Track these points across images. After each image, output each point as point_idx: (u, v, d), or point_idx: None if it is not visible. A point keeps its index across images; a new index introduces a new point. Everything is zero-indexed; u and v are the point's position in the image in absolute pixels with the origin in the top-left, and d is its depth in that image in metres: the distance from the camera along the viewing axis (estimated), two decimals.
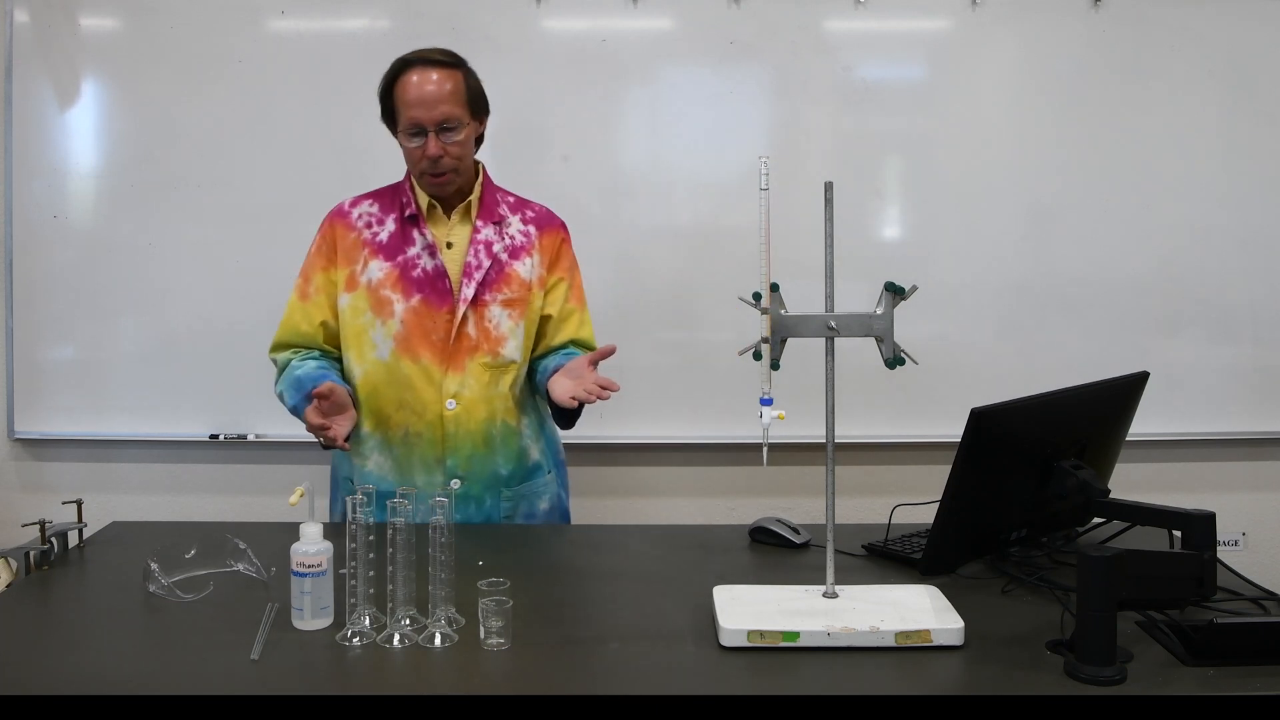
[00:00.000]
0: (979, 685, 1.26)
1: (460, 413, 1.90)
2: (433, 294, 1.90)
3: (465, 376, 1.90)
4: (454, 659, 1.32)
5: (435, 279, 1.90)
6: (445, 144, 1.85)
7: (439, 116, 1.83)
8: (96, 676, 1.27)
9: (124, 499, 2.68)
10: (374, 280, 1.90)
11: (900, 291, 1.43)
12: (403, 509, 1.37)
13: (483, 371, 1.91)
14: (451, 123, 1.85)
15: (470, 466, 1.92)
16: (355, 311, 1.92)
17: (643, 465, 2.79)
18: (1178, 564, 1.37)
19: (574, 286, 2.03)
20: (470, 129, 1.90)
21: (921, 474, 2.73)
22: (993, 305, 2.73)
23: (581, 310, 2.04)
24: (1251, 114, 2.70)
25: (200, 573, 1.59)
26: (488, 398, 1.91)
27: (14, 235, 2.66)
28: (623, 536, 1.94)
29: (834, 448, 1.47)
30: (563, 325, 2.01)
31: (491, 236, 1.94)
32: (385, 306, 1.90)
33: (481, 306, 1.91)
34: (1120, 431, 1.82)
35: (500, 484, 1.95)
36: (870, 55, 2.69)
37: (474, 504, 1.94)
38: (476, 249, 1.92)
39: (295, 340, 1.96)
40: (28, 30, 2.64)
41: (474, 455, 1.92)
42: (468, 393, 1.90)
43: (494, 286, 1.92)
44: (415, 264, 1.91)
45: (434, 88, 1.84)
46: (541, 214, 2.03)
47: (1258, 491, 2.83)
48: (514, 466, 1.97)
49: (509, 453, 1.96)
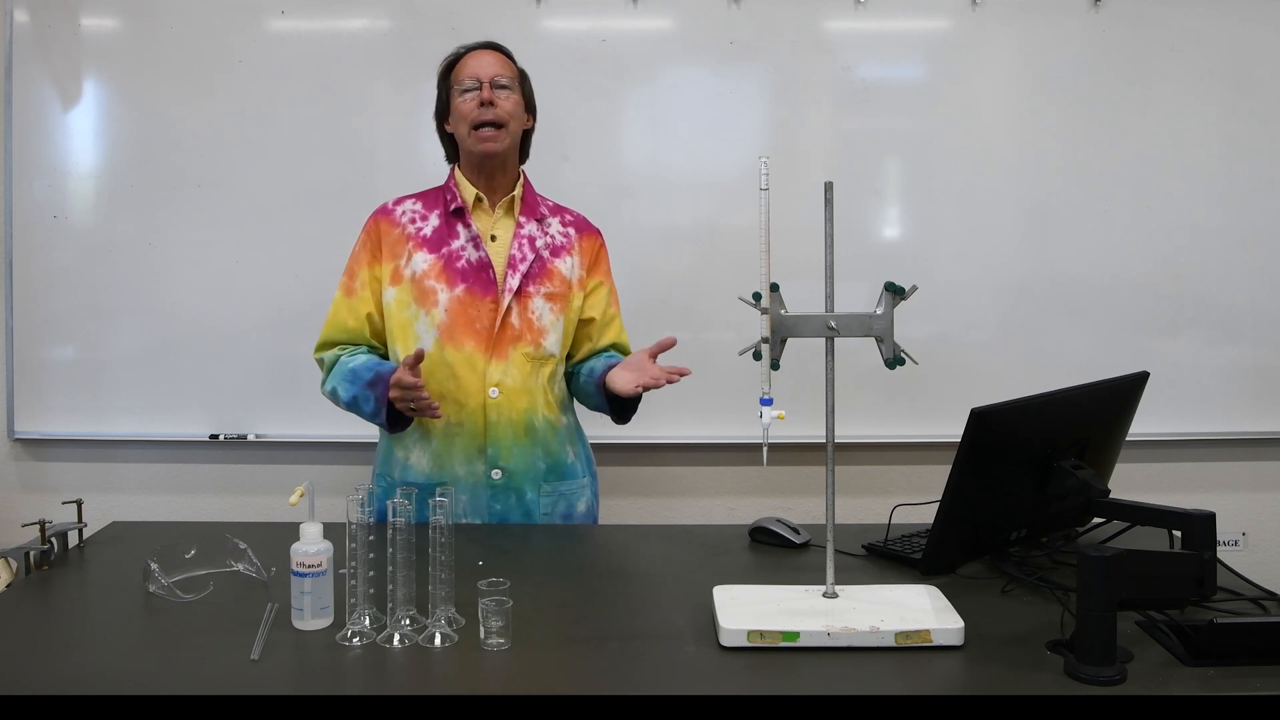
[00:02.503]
0: (979, 685, 1.26)
1: (502, 401, 1.93)
2: (477, 284, 1.93)
3: (508, 365, 1.93)
4: (454, 659, 1.32)
5: (480, 269, 1.94)
6: (497, 97, 1.93)
7: (494, 72, 1.96)
8: (96, 676, 1.27)
9: (124, 499, 2.69)
10: (418, 272, 1.94)
11: (900, 291, 1.43)
12: (403, 509, 1.38)
13: (524, 361, 1.94)
14: (504, 80, 1.96)
15: (511, 457, 1.95)
16: (400, 305, 1.95)
17: (643, 465, 2.79)
18: (1178, 564, 1.37)
19: (613, 292, 2.10)
20: (520, 103, 1.99)
21: (921, 474, 2.74)
22: (993, 305, 2.73)
23: (619, 316, 2.10)
24: (1251, 114, 2.70)
25: (200, 573, 1.59)
26: (529, 388, 1.95)
27: (14, 235, 2.67)
28: (623, 536, 1.94)
29: (834, 448, 1.47)
30: (606, 329, 2.07)
31: (534, 232, 1.99)
32: (429, 296, 1.93)
33: (525, 298, 1.95)
34: (1120, 431, 1.82)
35: (540, 478, 1.97)
36: (870, 55, 2.69)
37: (514, 496, 1.96)
38: (520, 242, 1.97)
39: (341, 337, 2.00)
40: (28, 30, 2.64)
41: (514, 445, 1.95)
42: (510, 381, 1.93)
43: (537, 279, 1.96)
44: (460, 255, 1.95)
45: (492, 57, 1.99)
46: (579, 219, 2.09)
47: (1258, 491, 2.83)
48: (553, 461, 1.99)
49: (548, 446, 1.98)
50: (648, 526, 2.04)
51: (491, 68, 1.96)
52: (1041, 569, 1.62)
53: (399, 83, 2.66)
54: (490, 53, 2.00)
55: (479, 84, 1.94)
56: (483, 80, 1.94)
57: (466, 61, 1.98)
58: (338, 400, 1.95)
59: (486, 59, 1.98)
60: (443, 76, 2.02)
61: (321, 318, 2.59)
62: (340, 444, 2.71)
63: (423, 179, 2.15)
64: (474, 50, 2.00)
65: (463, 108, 1.95)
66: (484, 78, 1.94)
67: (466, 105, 1.94)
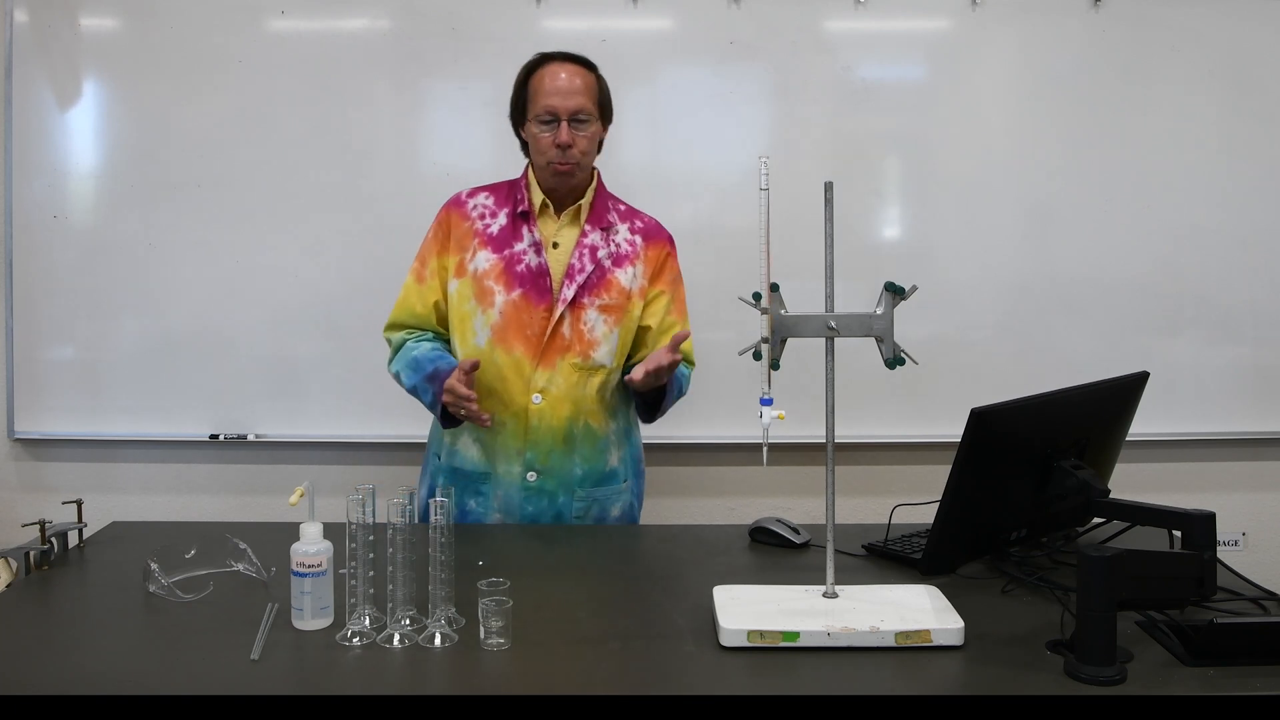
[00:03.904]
0: (979, 685, 1.26)
1: (545, 408, 1.94)
2: (533, 290, 1.94)
3: (554, 374, 1.93)
4: (454, 659, 1.32)
5: (537, 276, 1.94)
6: (575, 134, 1.91)
7: (574, 106, 1.91)
8: (96, 676, 1.27)
9: (124, 499, 2.69)
10: (480, 270, 1.95)
11: (900, 291, 1.43)
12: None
13: (572, 371, 1.94)
14: (584, 115, 1.92)
15: (548, 462, 1.96)
16: (461, 298, 1.97)
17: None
18: (1178, 564, 1.37)
19: (676, 299, 2.07)
20: (598, 129, 1.96)
21: (921, 474, 2.74)
22: (993, 305, 2.73)
23: (683, 323, 2.06)
24: (1251, 114, 2.70)
25: (200, 573, 1.59)
26: (574, 397, 1.95)
27: (14, 235, 2.66)
28: (623, 536, 1.94)
29: (834, 448, 1.47)
30: (662, 337, 2.02)
31: (597, 242, 1.98)
32: (487, 296, 1.94)
33: (579, 309, 1.94)
34: (1120, 431, 1.82)
35: (574, 484, 1.98)
36: (870, 55, 2.69)
37: (547, 499, 1.97)
38: (581, 252, 1.96)
39: (409, 321, 2.02)
40: (28, 30, 2.63)
41: (553, 451, 1.95)
42: (554, 389, 1.93)
43: (594, 290, 1.96)
44: (520, 259, 1.95)
45: (573, 79, 1.93)
46: (650, 225, 2.06)
47: (1258, 491, 2.83)
48: (590, 468, 1.99)
49: (587, 454, 1.98)
50: (648, 526, 2.04)
51: (571, 100, 1.90)
52: (1041, 569, 1.62)
53: (399, 83, 2.66)
54: (570, 69, 1.93)
55: (557, 119, 1.90)
56: (561, 117, 1.89)
57: (545, 82, 1.91)
58: (401, 383, 1.99)
59: (566, 81, 1.91)
60: (521, 82, 1.97)
61: (322, 318, 2.60)
62: (340, 444, 2.71)
63: (423, 179, 2.16)
64: (554, 63, 1.94)
65: (540, 140, 1.92)
66: (563, 114, 1.89)
67: (544, 139, 1.91)
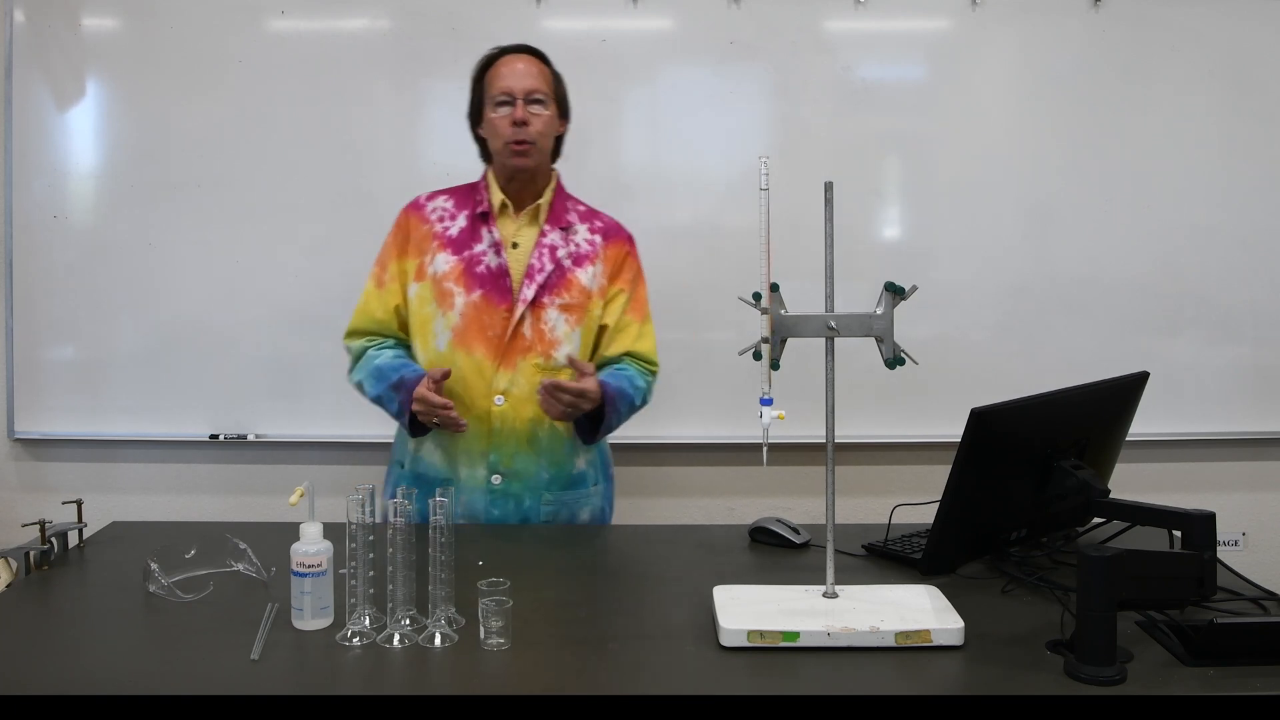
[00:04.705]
0: (979, 685, 1.26)
1: (507, 410, 1.93)
2: (494, 291, 1.93)
3: (516, 375, 1.93)
4: (454, 659, 1.32)
5: (498, 276, 1.94)
6: (531, 114, 1.91)
7: (529, 86, 1.93)
8: (96, 676, 1.27)
9: (124, 499, 2.69)
10: (439, 273, 1.94)
11: (900, 291, 1.43)
12: (403, 509, 1.37)
13: (534, 372, 1.93)
14: (540, 95, 1.93)
15: (513, 464, 1.95)
16: (422, 301, 1.96)
17: (643, 465, 2.79)
18: (1178, 564, 1.37)
19: (634, 298, 2.05)
20: (553, 116, 1.97)
21: (921, 474, 2.74)
22: (993, 305, 2.73)
23: (641, 323, 2.05)
24: (1251, 114, 2.70)
25: (200, 573, 1.59)
26: (536, 399, 1.93)
27: (14, 235, 2.67)
28: (623, 536, 1.94)
29: (834, 448, 1.47)
30: (617, 336, 2.02)
31: (557, 241, 1.98)
32: (447, 299, 1.93)
33: (540, 308, 1.94)
34: (1120, 431, 1.82)
35: (541, 486, 1.97)
36: (870, 55, 2.69)
37: (514, 502, 1.96)
38: (541, 251, 1.96)
39: (370, 327, 2.01)
40: (27, 30, 2.63)
41: (517, 454, 1.94)
42: (516, 390, 1.93)
43: (554, 290, 1.95)
44: (480, 260, 1.95)
45: (529, 66, 1.96)
46: (610, 225, 2.07)
47: (1258, 491, 2.83)
48: (557, 470, 1.98)
49: (552, 456, 1.97)
50: (648, 527, 2.04)
51: (526, 80, 1.92)
52: (1041, 569, 1.62)
53: (399, 83, 2.66)
54: (525, 59, 1.96)
55: (513, 100, 1.91)
56: (517, 97, 1.91)
57: (500, 70, 1.94)
58: (363, 393, 1.97)
59: (520, 68, 1.94)
60: (476, 79, 1.99)
61: (322, 318, 2.59)
62: (340, 444, 2.71)
63: (422, 179, 2.15)
64: (508, 55, 1.97)
65: (497, 123, 1.92)
66: (518, 94, 1.91)
67: (500, 121, 1.92)
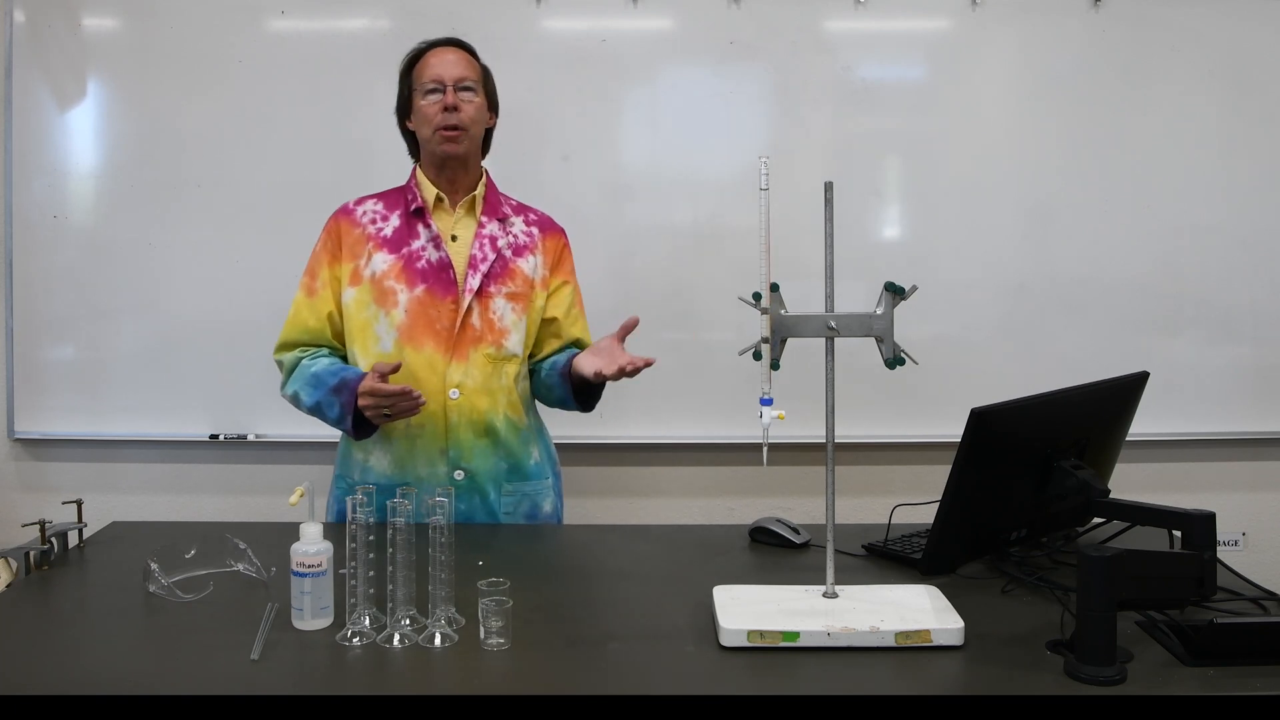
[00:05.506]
0: (979, 685, 1.26)
1: (463, 402, 1.91)
2: (437, 284, 1.92)
3: (469, 366, 1.92)
4: (454, 659, 1.32)
5: (440, 270, 1.93)
6: (461, 100, 1.92)
7: (459, 74, 1.93)
8: (96, 676, 1.27)
9: (124, 499, 2.69)
10: (378, 272, 1.93)
11: (900, 291, 1.43)
12: (403, 509, 1.37)
13: (485, 362, 1.93)
14: (469, 83, 1.94)
15: (472, 458, 1.93)
16: (359, 305, 1.93)
17: (643, 465, 2.79)
18: (1178, 564, 1.37)
19: (577, 291, 2.08)
20: (484, 105, 1.97)
21: (921, 474, 2.74)
22: (993, 305, 2.73)
23: (583, 316, 2.08)
24: (1251, 114, 2.70)
25: (200, 573, 1.59)
26: (490, 389, 1.93)
27: (14, 235, 2.67)
28: (623, 536, 1.94)
29: (834, 448, 1.47)
30: (570, 328, 2.04)
31: (496, 232, 1.98)
32: (389, 297, 1.91)
33: (486, 298, 1.93)
34: (1120, 431, 1.82)
35: (502, 478, 1.96)
36: (870, 55, 2.69)
37: (478, 496, 1.95)
38: (481, 242, 1.96)
39: (303, 338, 1.97)
40: (27, 30, 2.64)
41: (475, 446, 1.93)
42: (470, 382, 1.92)
43: (499, 279, 1.95)
44: (420, 255, 1.93)
45: (458, 56, 1.97)
46: (544, 218, 2.07)
47: (1258, 491, 2.83)
48: (514, 462, 1.98)
49: (509, 447, 1.97)
50: (648, 526, 2.04)
51: (455, 68, 1.93)
52: (1041, 569, 1.62)
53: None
54: (453, 50, 1.97)
55: (443, 86, 1.91)
56: (446, 83, 1.91)
57: (429, 61, 1.95)
58: (299, 404, 1.92)
59: (450, 58, 1.94)
60: (404, 73, 1.99)
61: None
62: None
63: None
64: (436, 48, 1.97)
65: (426, 110, 1.92)
66: (448, 80, 1.91)
67: (430, 108, 1.92)
